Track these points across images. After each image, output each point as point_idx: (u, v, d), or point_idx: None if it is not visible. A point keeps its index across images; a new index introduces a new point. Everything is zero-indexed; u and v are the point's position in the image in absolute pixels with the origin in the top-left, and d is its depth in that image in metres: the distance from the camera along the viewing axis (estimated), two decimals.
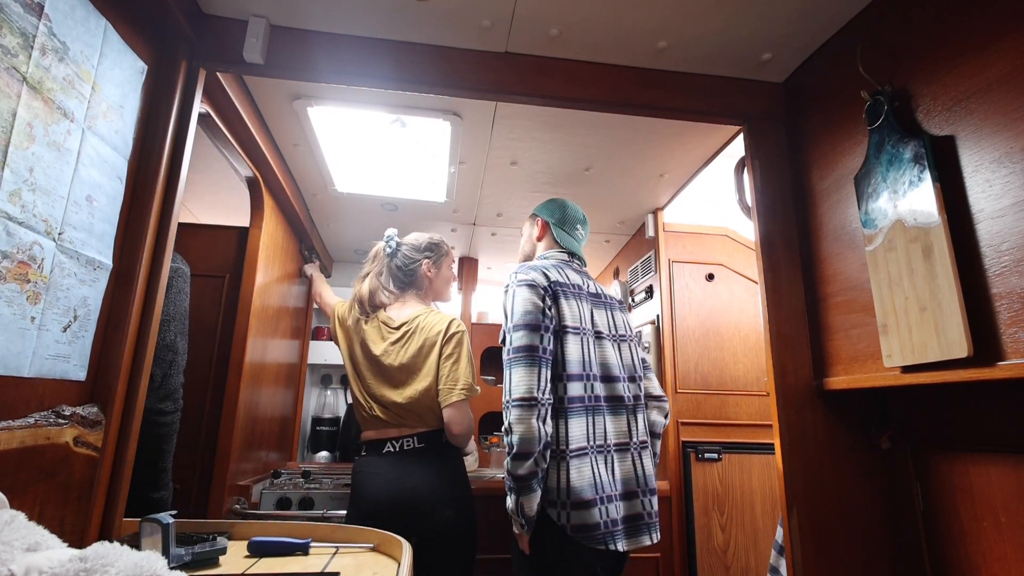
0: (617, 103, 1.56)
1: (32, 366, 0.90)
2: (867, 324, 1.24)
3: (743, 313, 2.41)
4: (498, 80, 1.50)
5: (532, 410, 1.27)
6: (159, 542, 0.87)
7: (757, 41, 1.45)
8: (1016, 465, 1.03)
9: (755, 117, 1.59)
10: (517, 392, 1.29)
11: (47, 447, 0.93)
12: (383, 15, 1.39)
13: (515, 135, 1.91)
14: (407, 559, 0.91)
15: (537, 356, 1.32)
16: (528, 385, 1.29)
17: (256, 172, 1.94)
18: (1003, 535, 1.05)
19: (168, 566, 0.61)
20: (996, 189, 0.96)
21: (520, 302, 1.39)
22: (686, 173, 2.16)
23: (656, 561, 2.11)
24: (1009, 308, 0.92)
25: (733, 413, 2.29)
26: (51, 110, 0.91)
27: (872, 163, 1.20)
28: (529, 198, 2.42)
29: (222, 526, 1.10)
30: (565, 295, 1.45)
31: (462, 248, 3.10)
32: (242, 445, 1.98)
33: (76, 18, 0.97)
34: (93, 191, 1.03)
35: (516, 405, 1.28)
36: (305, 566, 0.95)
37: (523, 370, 1.31)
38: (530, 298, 1.38)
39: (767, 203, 1.53)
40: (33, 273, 0.89)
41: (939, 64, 1.10)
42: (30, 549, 0.60)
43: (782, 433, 1.36)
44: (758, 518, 2.17)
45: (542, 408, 1.29)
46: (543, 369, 1.32)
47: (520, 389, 1.29)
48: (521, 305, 1.38)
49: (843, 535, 1.30)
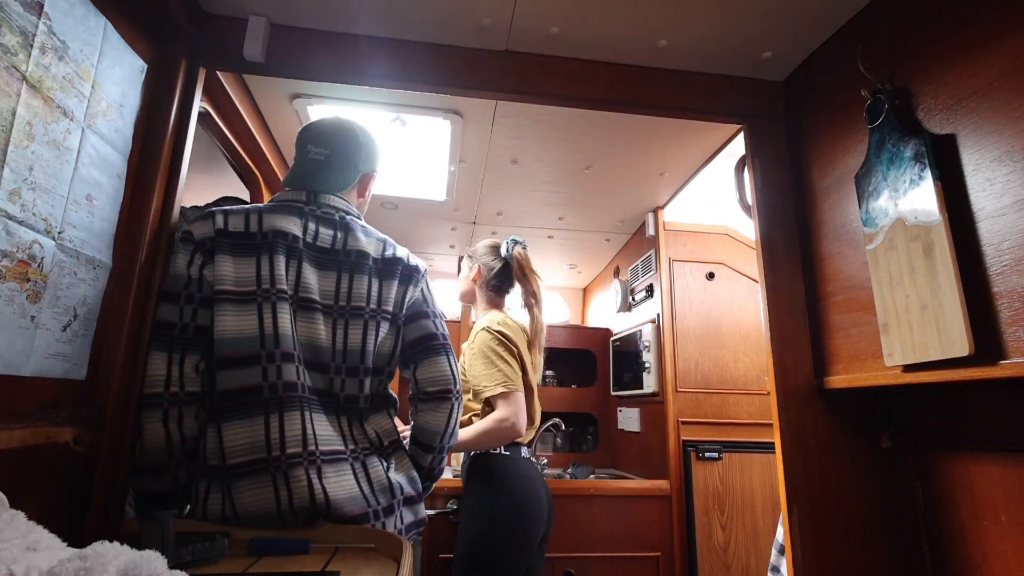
0: (617, 102, 1.55)
1: (31, 365, 0.90)
2: (868, 323, 1.24)
3: (743, 312, 2.41)
4: (498, 78, 1.50)
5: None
6: (159, 541, 0.87)
7: (757, 39, 1.45)
8: (1017, 464, 1.03)
9: (755, 116, 1.59)
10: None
11: (46, 446, 0.93)
12: (383, 14, 1.39)
13: (515, 134, 1.91)
14: (407, 559, 0.91)
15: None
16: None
17: (256, 170, 1.94)
18: (1004, 534, 1.05)
19: (168, 565, 0.60)
20: (997, 188, 0.96)
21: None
22: (686, 172, 2.16)
23: (656, 560, 2.12)
24: (1010, 307, 0.92)
25: (734, 412, 2.29)
26: (51, 109, 0.91)
27: (873, 162, 1.20)
28: (529, 197, 2.42)
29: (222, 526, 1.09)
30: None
31: (462, 248, 3.09)
32: None
33: (76, 17, 0.96)
34: (93, 190, 1.03)
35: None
36: (305, 566, 0.95)
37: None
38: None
39: (767, 202, 1.53)
40: (33, 272, 0.89)
41: (940, 62, 1.09)
42: (30, 548, 0.60)
43: (783, 432, 1.36)
44: (758, 517, 2.17)
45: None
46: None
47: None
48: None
49: (844, 534, 1.30)
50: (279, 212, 1.15)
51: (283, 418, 1.04)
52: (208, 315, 1.08)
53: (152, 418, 1.05)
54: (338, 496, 1.06)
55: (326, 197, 1.22)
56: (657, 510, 2.16)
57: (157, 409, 1.05)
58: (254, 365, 1.05)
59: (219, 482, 1.04)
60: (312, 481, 1.04)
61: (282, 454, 1.03)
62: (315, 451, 1.06)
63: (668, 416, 2.25)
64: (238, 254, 1.09)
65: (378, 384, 1.22)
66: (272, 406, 1.04)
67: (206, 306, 1.08)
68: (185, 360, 1.07)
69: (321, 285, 1.14)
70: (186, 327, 1.08)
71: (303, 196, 1.21)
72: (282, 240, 1.11)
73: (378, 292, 1.20)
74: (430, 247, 3.12)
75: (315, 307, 1.12)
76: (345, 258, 1.18)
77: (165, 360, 1.06)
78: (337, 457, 1.09)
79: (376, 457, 1.16)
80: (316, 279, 1.14)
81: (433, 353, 1.24)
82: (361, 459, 1.13)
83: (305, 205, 1.19)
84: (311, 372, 1.11)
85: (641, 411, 2.61)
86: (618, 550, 2.10)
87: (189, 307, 1.08)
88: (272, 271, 1.09)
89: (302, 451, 1.04)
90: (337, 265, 1.17)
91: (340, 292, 1.15)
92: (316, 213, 1.19)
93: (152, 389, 1.05)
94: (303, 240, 1.14)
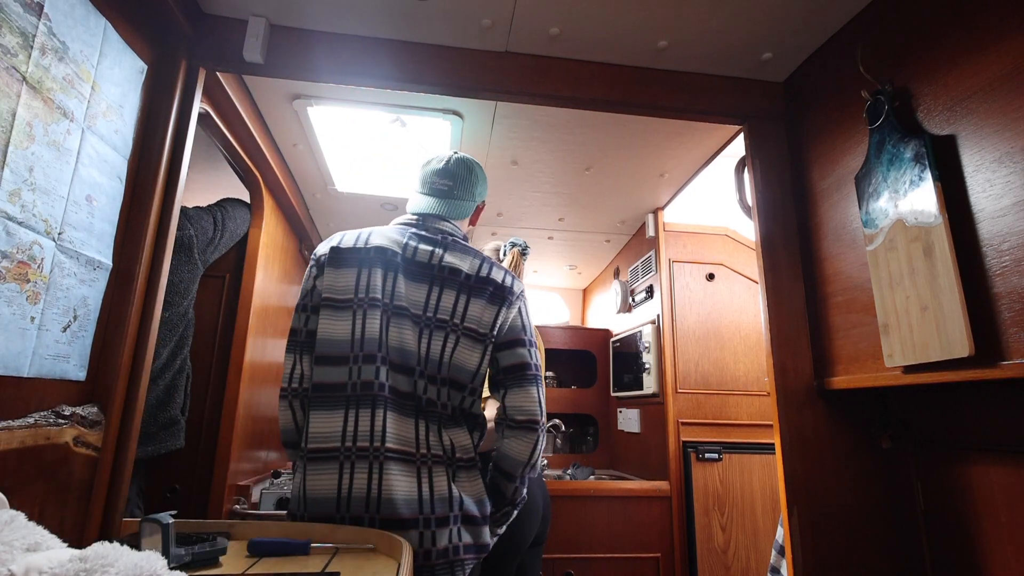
0: (617, 102, 1.55)
1: (32, 366, 0.90)
2: (868, 324, 1.24)
3: (743, 313, 2.41)
4: (498, 79, 1.50)
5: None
6: (159, 542, 0.86)
7: (757, 40, 1.45)
8: (1017, 465, 1.03)
9: (755, 116, 1.59)
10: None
11: (47, 447, 0.93)
12: (383, 14, 1.39)
13: (515, 134, 1.91)
14: (407, 560, 0.91)
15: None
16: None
17: (256, 172, 1.94)
18: (1004, 534, 1.05)
19: (168, 566, 0.60)
20: (997, 188, 0.96)
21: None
22: (686, 173, 2.16)
23: (656, 561, 2.11)
24: (1010, 308, 0.92)
25: (734, 413, 2.29)
26: (51, 110, 0.91)
27: (873, 162, 1.20)
28: (529, 197, 2.42)
29: (222, 526, 1.09)
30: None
31: None
32: (242, 445, 1.98)
33: (76, 17, 0.96)
34: (93, 191, 1.03)
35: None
36: (305, 566, 0.95)
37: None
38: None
39: (767, 203, 1.53)
40: (33, 273, 0.89)
41: (940, 63, 1.10)
42: (30, 549, 0.60)
43: (783, 433, 1.36)
44: (758, 518, 2.17)
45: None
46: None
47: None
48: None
49: (844, 535, 1.30)
50: (389, 232, 1.26)
51: (359, 414, 1.13)
52: (317, 320, 1.20)
53: (283, 407, 1.21)
54: (394, 496, 1.09)
55: (436, 221, 1.30)
56: (657, 511, 2.16)
57: (285, 400, 1.20)
58: (343, 364, 1.15)
59: (302, 463, 1.13)
60: (373, 475, 1.10)
61: (353, 445, 1.11)
62: (381, 447, 1.11)
63: (668, 417, 2.25)
64: (342, 266, 1.21)
65: (460, 399, 1.23)
66: (352, 403, 1.14)
67: (317, 312, 1.20)
68: (302, 359, 1.21)
69: (414, 296, 1.22)
70: (302, 332, 1.21)
71: (414, 219, 1.31)
72: (381, 255, 1.22)
73: (464, 307, 1.23)
74: None
75: (405, 314, 1.20)
76: (439, 273, 1.23)
77: (292, 360, 1.21)
78: (404, 457, 1.13)
79: (443, 467, 1.17)
80: (409, 289, 1.22)
81: (526, 383, 1.25)
82: (428, 465, 1.15)
83: (412, 226, 1.29)
84: (398, 374, 1.18)
85: (641, 412, 2.61)
86: (618, 551, 2.09)
87: (304, 315, 1.22)
88: (369, 281, 1.19)
89: (370, 446, 1.11)
90: (430, 279, 1.23)
91: (429, 303, 1.22)
92: (420, 233, 1.28)
93: (285, 384, 1.21)
94: (402, 256, 1.23)
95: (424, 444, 1.16)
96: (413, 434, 1.16)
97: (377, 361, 1.15)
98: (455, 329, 1.22)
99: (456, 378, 1.21)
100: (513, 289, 1.28)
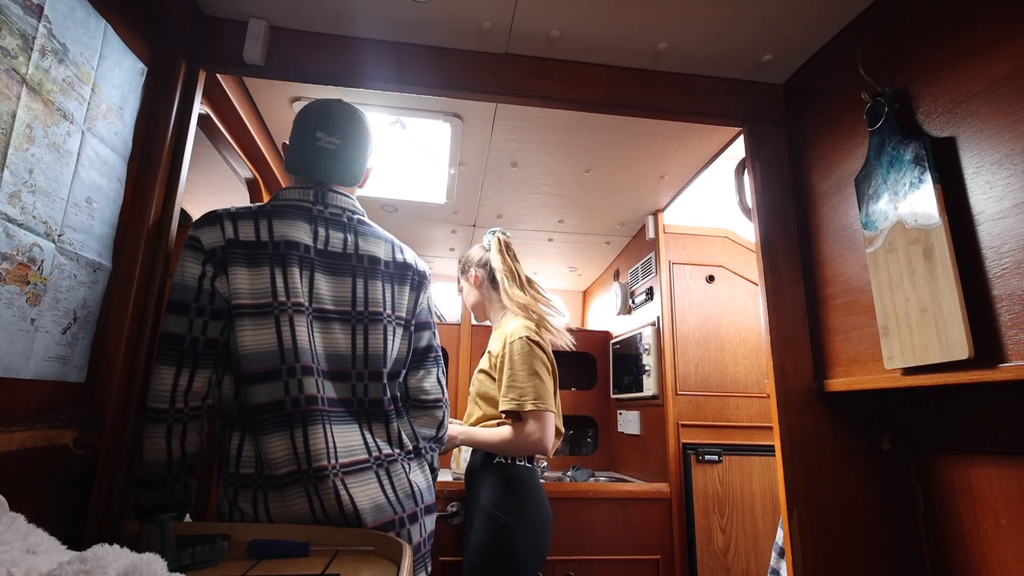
0: (617, 104, 1.56)
1: (31, 368, 0.90)
2: (868, 326, 1.24)
3: (743, 315, 2.41)
4: (498, 81, 1.50)
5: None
6: (158, 544, 0.86)
7: (757, 42, 1.45)
8: (1017, 467, 1.03)
9: (755, 119, 1.59)
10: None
11: (46, 449, 0.93)
12: (383, 17, 1.39)
13: (515, 137, 1.91)
14: (407, 561, 0.91)
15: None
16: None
17: (256, 173, 1.94)
18: (1003, 536, 1.05)
19: (167, 568, 0.60)
20: (997, 191, 0.96)
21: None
22: (686, 175, 2.16)
23: (656, 563, 2.11)
24: (1010, 310, 0.92)
25: (733, 415, 2.29)
26: (51, 111, 0.91)
27: (873, 165, 1.20)
28: (529, 199, 2.42)
29: (221, 528, 1.09)
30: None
31: (462, 251, 3.10)
32: None
33: (76, 19, 0.97)
34: (93, 193, 1.03)
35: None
36: (305, 568, 0.95)
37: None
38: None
39: (767, 205, 1.53)
40: (33, 275, 0.88)
41: (940, 65, 1.10)
42: (30, 551, 0.60)
43: (783, 435, 1.36)
44: (758, 520, 2.17)
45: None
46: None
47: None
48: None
49: (844, 537, 1.30)
50: (288, 217, 1.12)
51: (307, 432, 1.04)
52: (219, 328, 1.06)
53: (154, 433, 1.03)
54: (364, 506, 1.07)
55: (334, 196, 1.19)
56: (657, 513, 2.16)
57: (160, 425, 1.03)
58: (276, 380, 1.04)
59: (250, 491, 1.05)
60: (339, 492, 1.05)
61: (310, 467, 1.04)
62: (337, 464, 1.06)
63: (668, 419, 2.25)
64: (251, 265, 1.06)
65: (397, 388, 1.23)
66: (296, 420, 1.04)
67: (217, 319, 1.06)
68: (196, 375, 1.04)
69: (335, 293, 1.13)
70: (196, 340, 1.04)
71: (310, 195, 1.17)
72: (294, 251, 1.09)
73: (391, 297, 1.20)
74: (430, 250, 3.12)
75: (331, 316, 1.11)
76: (358, 263, 1.16)
77: (172, 374, 1.03)
78: (359, 467, 1.10)
79: (399, 463, 1.16)
80: (329, 287, 1.13)
81: (430, 364, 1.30)
82: (385, 466, 1.13)
83: (313, 206, 1.16)
84: (333, 382, 1.11)
85: (641, 414, 2.61)
86: (618, 553, 2.09)
87: (199, 320, 1.04)
88: (287, 283, 1.07)
89: (327, 464, 1.05)
90: (351, 271, 1.15)
91: (356, 298, 1.14)
92: (325, 215, 1.16)
93: (156, 404, 1.02)
94: (314, 248, 1.12)
95: (374, 447, 1.13)
96: (361, 442, 1.11)
97: (315, 373, 1.07)
98: (391, 320, 1.18)
99: (396, 370, 1.21)
100: (425, 273, 1.31)
